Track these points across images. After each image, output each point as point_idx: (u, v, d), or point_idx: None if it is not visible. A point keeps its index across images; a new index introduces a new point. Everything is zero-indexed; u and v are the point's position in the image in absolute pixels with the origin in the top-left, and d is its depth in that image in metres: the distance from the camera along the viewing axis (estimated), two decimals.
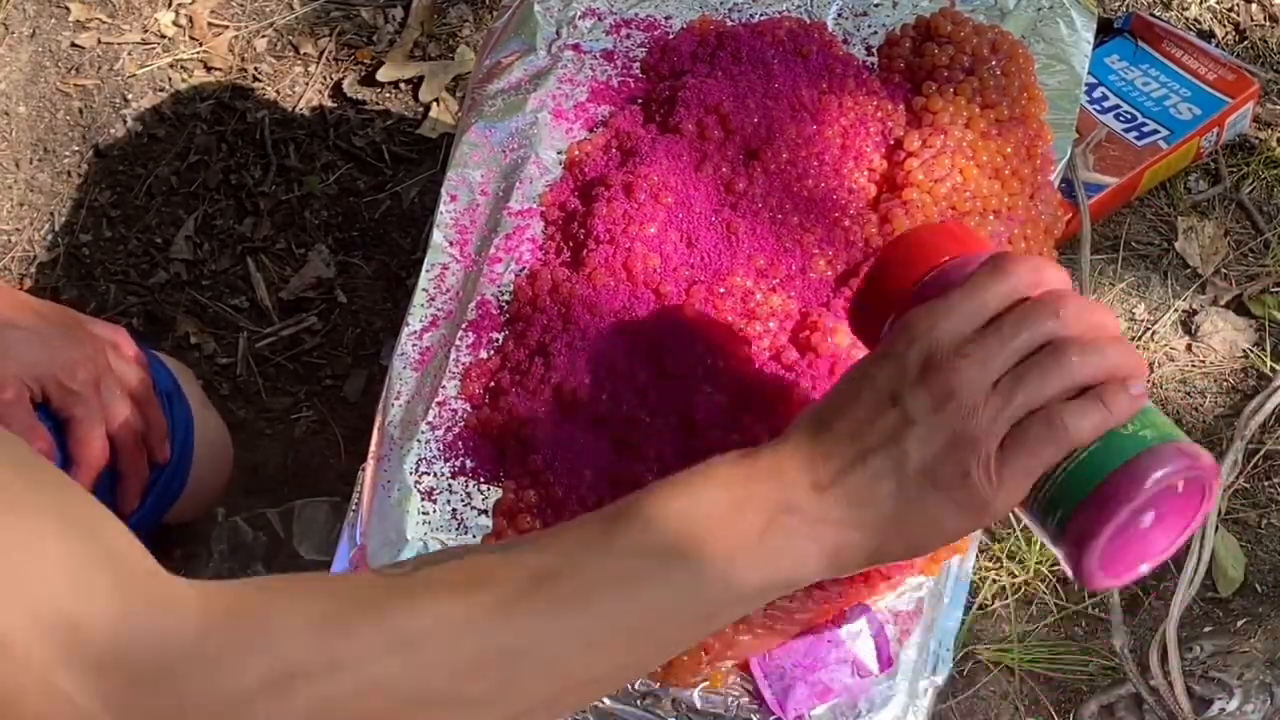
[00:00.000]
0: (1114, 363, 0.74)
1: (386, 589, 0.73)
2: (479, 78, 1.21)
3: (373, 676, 0.70)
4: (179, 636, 0.68)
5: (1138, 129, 1.62)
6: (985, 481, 0.73)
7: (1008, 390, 0.73)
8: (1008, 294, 0.76)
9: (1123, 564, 0.76)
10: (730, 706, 0.97)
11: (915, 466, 0.73)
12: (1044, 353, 0.74)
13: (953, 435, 0.73)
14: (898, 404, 0.74)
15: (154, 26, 1.79)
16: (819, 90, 1.13)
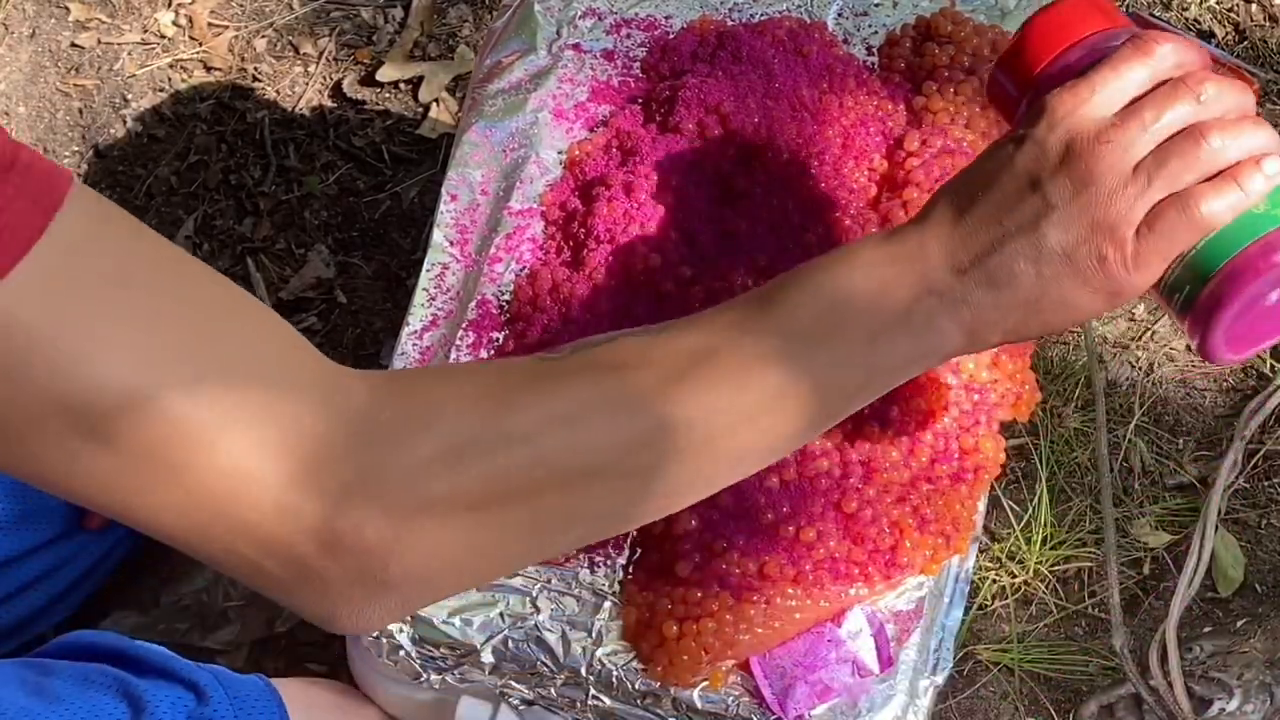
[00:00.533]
0: (1251, 144, 0.76)
1: (547, 370, 0.75)
2: (479, 77, 1.21)
3: (541, 449, 0.72)
4: (350, 416, 0.69)
5: None
6: (1121, 265, 0.75)
7: (1147, 176, 0.75)
8: (1149, 76, 0.76)
9: (1246, 340, 0.78)
10: (730, 706, 0.97)
11: (1053, 250, 0.75)
12: (1183, 136, 0.75)
13: (1091, 220, 0.75)
14: (1037, 189, 0.75)
15: (154, 26, 1.79)
16: (819, 90, 1.13)
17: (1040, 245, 0.75)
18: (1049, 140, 0.76)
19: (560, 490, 0.72)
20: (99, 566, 1.19)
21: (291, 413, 0.68)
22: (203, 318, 0.68)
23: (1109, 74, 0.76)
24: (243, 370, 0.68)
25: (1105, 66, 0.77)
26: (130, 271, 0.66)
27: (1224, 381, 1.54)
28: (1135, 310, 1.58)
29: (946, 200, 0.79)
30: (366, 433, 0.69)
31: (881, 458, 1.00)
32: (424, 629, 0.98)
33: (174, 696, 1.00)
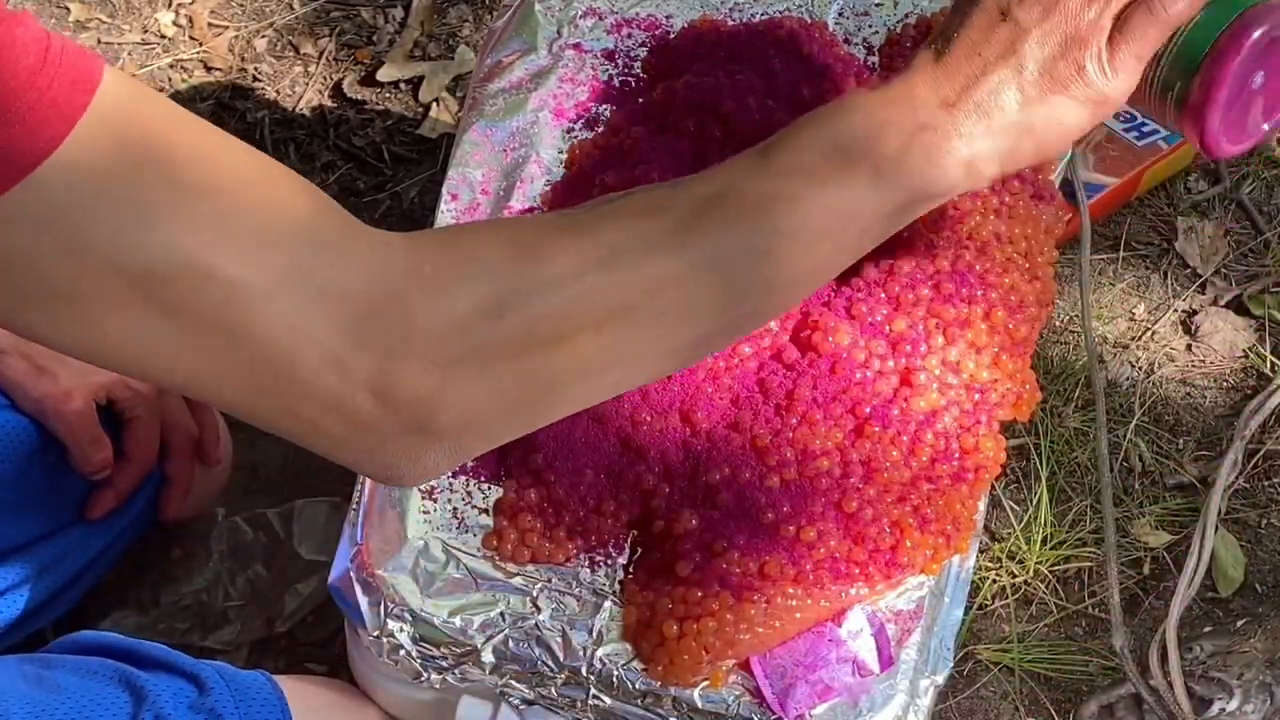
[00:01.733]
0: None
1: (573, 220, 0.79)
2: (480, 77, 1.21)
3: (576, 292, 0.75)
4: (398, 269, 0.72)
5: (1138, 129, 1.62)
6: (1100, 73, 0.79)
7: None
8: None
9: (1243, 129, 0.82)
10: (731, 706, 0.97)
11: (1034, 71, 0.79)
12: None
13: (1064, 36, 0.79)
14: (1008, 17, 0.80)
15: (154, 26, 1.79)
16: (820, 90, 1.13)
17: (1020, 68, 0.79)
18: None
19: (597, 331, 0.75)
20: (100, 559, 1.20)
21: (338, 273, 0.71)
22: (245, 186, 0.70)
23: None
24: (289, 235, 0.70)
25: None
26: (173, 142, 0.69)
27: (1224, 381, 1.54)
28: (1135, 310, 1.58)
29: (927, 48, 0.82)
30: (410, 287, 0.72)
31: (882, 457, 1.00)
32: (424, 629, 0.98)
33: (175, 687, 1.00)
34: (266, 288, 0.69)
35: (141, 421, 1.14)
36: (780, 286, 0.81)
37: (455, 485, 1.01)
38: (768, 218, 0.78)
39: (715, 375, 1.03)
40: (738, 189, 0.79)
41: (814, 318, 1.04)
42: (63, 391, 1.09)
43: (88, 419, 1.10)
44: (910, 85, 0.81)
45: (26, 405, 1.09)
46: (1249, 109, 0.82)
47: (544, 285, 0.74)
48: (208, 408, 1.21)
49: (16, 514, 1.11)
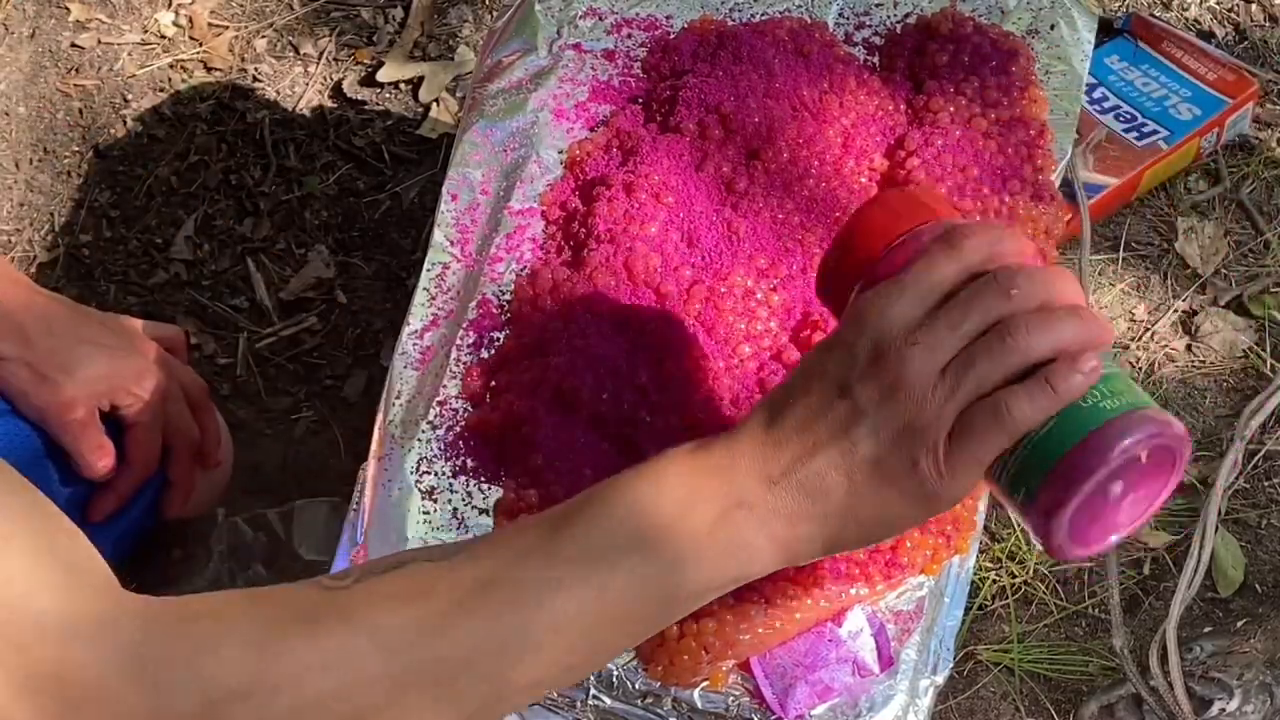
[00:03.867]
0: (1066, 338, 0.72)
1: (324, 604, 0.72)
2: (480, 77, 1.21)
3: (310, 695, 0.70)
4: (118, 658, 0.68)
5: (1138, 129, 1.62)
6: (934, 472, 0.72)
7: (954, 378, 0.72)
8: (960, 271, 0.74)
9: (1093, 535, 0.75)
10: (731, 706, 0.97)
11: (864, 458, 0.72)
12: (992, 335, 0.72)
13: (900, 426, 0.72)
14: (846, 395, 0.73)
15: (154, 26, 1.79)
16: (820, 90, 1.13)
17: (851, 453, 0.73)
18: (858, 344, 0.73)
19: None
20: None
21: (57, 654, 0.66)
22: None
23: (918, 272, 0.74)
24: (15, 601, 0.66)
25: (915, 265, 0.74)
26: None
27: (1224, 382, 1.54)
28: (1135, 310, 1.58)
29: (760, 409, 0.76)
30: (133, 675, 0.68)
31: None
32: None
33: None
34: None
35: (144, 427, 1.15)
36: (556, 675, 0.76)
37: (455, 486, 1.01)
38: (543, 609, 0.72)
39: (715, 376, 1.03)
40: (515, 573, 0.73)
41: (814, 318, 1.04)
42: (66, 400, 1.09)
43: (90, 426, 1.11)
44: (732, 454, 0.74)
45: (29, 413, 1.10)
46: (1100, 517, 0.74)
47: (273, 689, 0.69)
48: (210, 411, 1.22)
49: None
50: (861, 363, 0.73)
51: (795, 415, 0.74)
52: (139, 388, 1.13)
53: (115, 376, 1.12)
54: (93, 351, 1.11)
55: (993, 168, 1.10)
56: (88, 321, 1.13)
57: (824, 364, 0.75)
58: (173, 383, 1.16)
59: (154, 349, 1.16)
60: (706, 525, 0.73)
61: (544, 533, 0.75)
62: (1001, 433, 0.71)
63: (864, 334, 0.73)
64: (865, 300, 0.75)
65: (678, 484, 0.74)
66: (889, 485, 0.73)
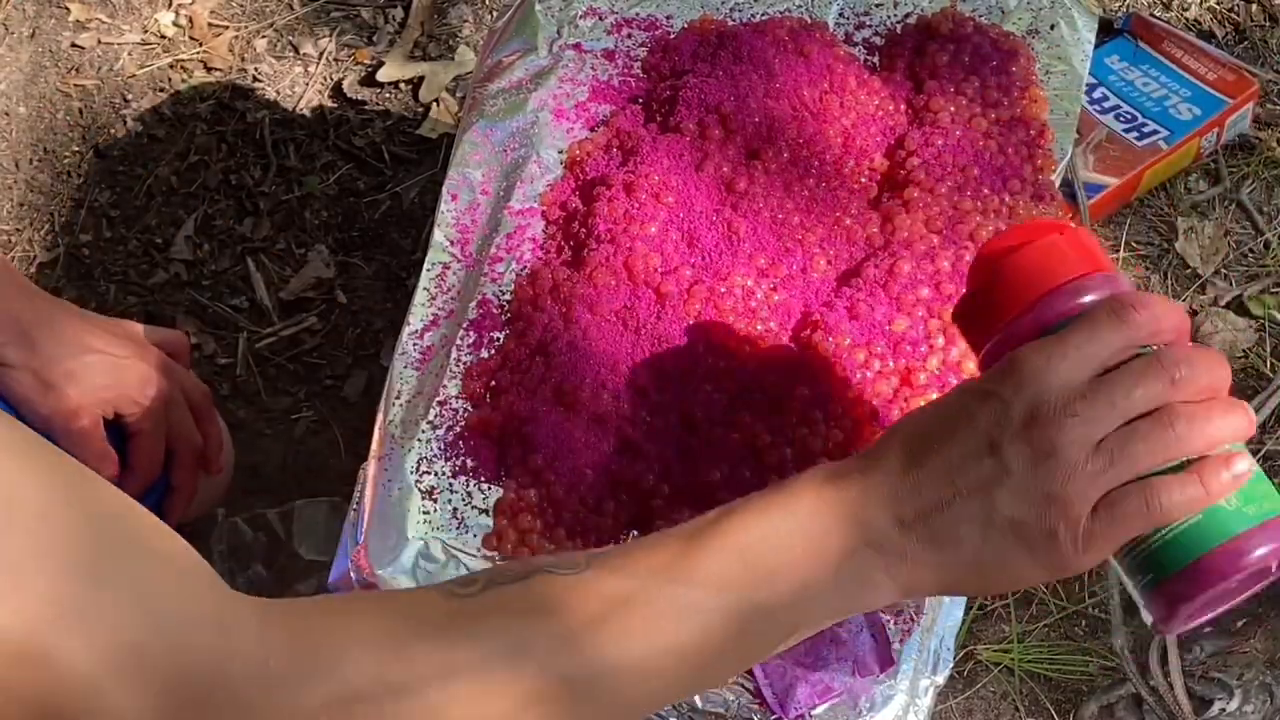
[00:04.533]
0: (1221, 434, 0.73)
1: (451, 613, 0.73)
2: (480, 77, 1.21)
3: (434, 702, 0.70)
4: (240, 658, 0.68)
5: (1138, 129, 1.62)
6: (1070, 543, 0.72)
7: (1109, 456, 0.72)
8: (1125, 344, 0.74)
9: (1198, 615, 0.77)
10: (731, 706, 0.97)
11: (1004, 518, 0.72)
12: (1152, 420, 0.72)
13: (1047, 494, 0.72)
14: (995, 452, 0.72)
15: (154, 26, 1.79)
16: (820, 90, 1.13)
17: (991, 511, 0.72)
18: (1014, 403, 0.72)
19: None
20: None
21: (179, 658, 0.67)
22: (93, 553, 0.66)
23: (1082, 338, 0.73)
24: (133, 612, 0.66)
25: (1080, 329, 0.74)
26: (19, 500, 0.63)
27: None
28: None
29: (899, 443, 0.75)
30: (255, 678, 0.68)
31: None
32: None
33: None
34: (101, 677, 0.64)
35: (148, 435, 1.15)
36: (677, 694, 0.76)
37: (455, 486, 1.01)
38: (675, 632, 0.73)
39: (715, 375, 1.03)
40: (645, 594, 0.73)
41: (814, 318, 1.04)
42: (71, 408, 1.09)
43: (95, 435, 1.11)
44: (866, 489, 0.74)
45: (35, 421, 1.10)
46: (1213, 605, 0.76)
47: (398, 692, 0.69)
48: (213, 418, 1.22)
49: None
50: (1016, 423, 0.72)
51: (937, 460, 0.74)
52: (143, 396, 1.13)
53: (120, 385, 1.12)
54: (98, 360, 1.11)
55: (993, 168, 1.10)
56: (93, 329, 1.13)
57: (975, 413, 0.74)
58: (176, 389, 1.16)
59: (157, 355, 1.16)
60: (834, 562, 0.74)
61: (677, 552, 0.75)
62: (1147, 520, 0.72)
63: (1021, 392, 0.73)
64: (1025, 355, 0.74)
65: (812, 516, 0.74)
66: (1022, 548, 0.72)
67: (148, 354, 1.15)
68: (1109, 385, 0.72)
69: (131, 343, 1.15)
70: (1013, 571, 0.74)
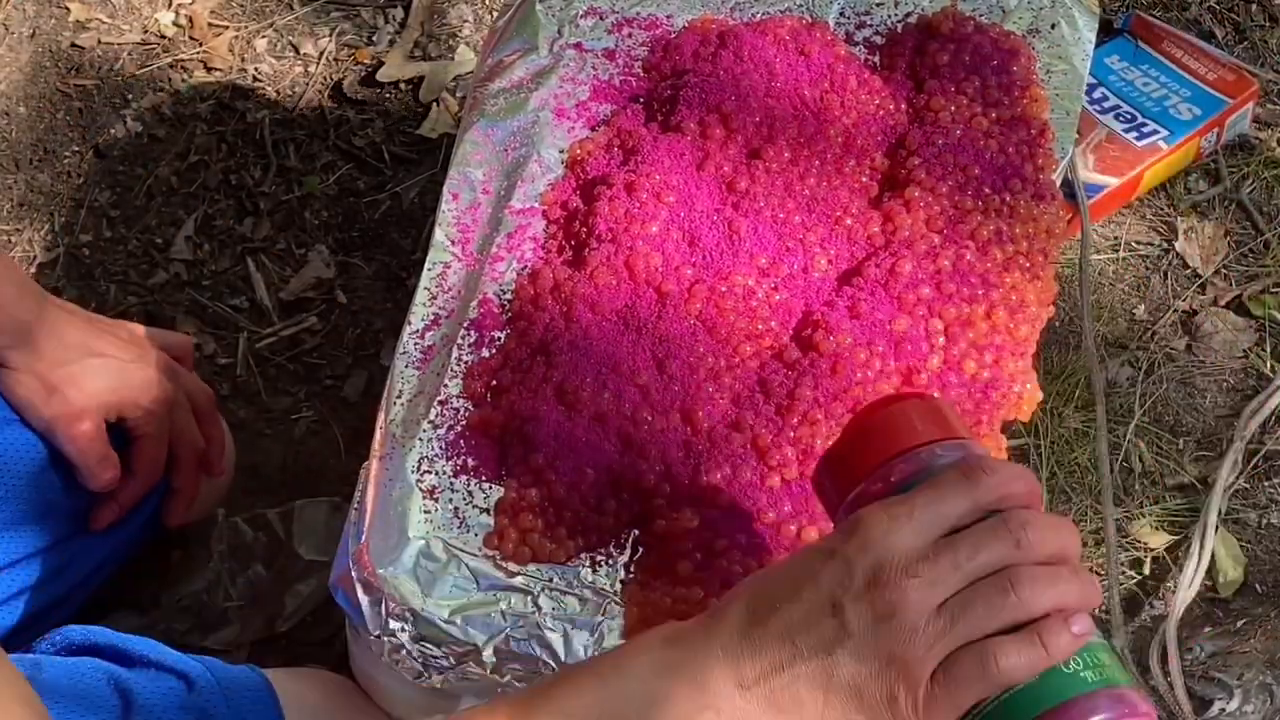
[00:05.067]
0: (1064, 598, 0.72)
1: None
2: (480, 76, 1.21)
3: None
4: None
5: (1138, 129, 1.62)
6: (910, 708, 0.71)
7: (949, 618, 0.71)
8: (972, 507, 0.73)
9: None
10: None
11: (844, 680, 0.71)
12: (993, 581, 0.71)
13: (887, 656, 0.71)
14: (837, 613, 0.72)
15: (154, 26, 1.79)
16: (821, 89, 1.13)
17: (832, 672, 0.71)
18: (857, 562, 0.72)
19: None
20: (102, 568, 1.19)
21: None
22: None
23: (928, 499, 0.73)
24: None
25: (927, 490, 0.74)
26: None
27: (1224, 382, 1.54)
28: (1135, 310, 1.58)
29: (742, 603, 0.75)
30: None
31: None
32: (425, 628, 0.98)
33: (164, 687, 1.00)
34: None
35: (150, 439, 1.14)
36: None
37: (456, 485, 1.01)
38: None
39: (716, 375, 1.03)
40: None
41: (815, 317, 1.04)
42: (74, 412, 1.09)
43: (97, 440, 1.11)
44: (708, 650, 0.73)
45: (36, 424, 1.09)
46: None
47: None
48: (215, 421, 1.22)
49: (22, 529, 1.11)
50: (858, 583, 0.72)
51: (778, 621, 0.73)
52: (146, 400, 1.13)
53: (123, 389, 1.12)
54: (101, 364, 1.11)
55: (994, 167, 1.10)
56: (97, 333, 1.12)
57: (818, 573, 0.73)
58: (179, 393, 1.16)
59: (161, 358, 1.16)
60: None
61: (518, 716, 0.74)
62: (986, 683, 0.71)
63: (865, 552, 0.72)
64: (870, 516, 0.73)
65: (649, 680, 0.74)
66: (861, 711, 0.72)
67: (151, 357, 1.15)
68: (952, 547, 0.72)
69: (135, 346, 1.15)
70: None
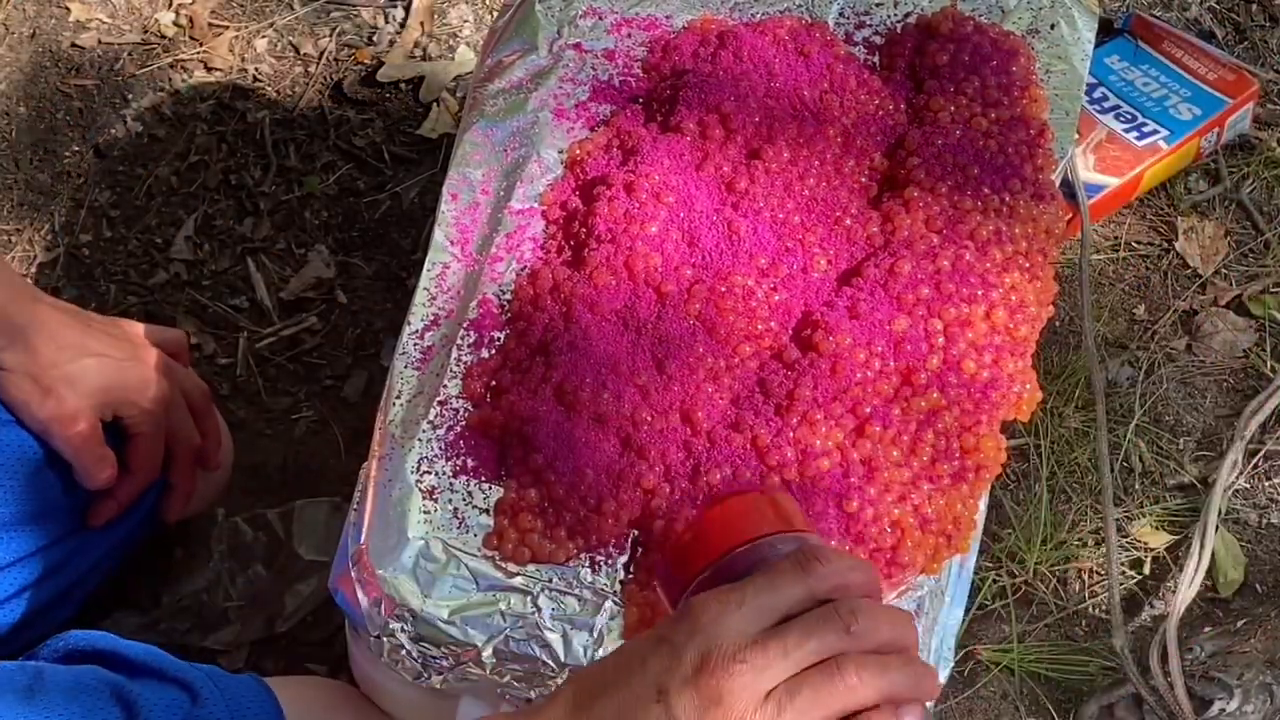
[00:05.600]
0: (895, 687, 0.71)
1: None
2: (480, 77, 1.21)
3: None
4: None
5: (1138, 129, 1.62)
6: None
7: (777, 705, 0.70)
8: (805, 596, 0.72)
9: None
10: None
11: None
12: (822, 669, 0.71)
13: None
14: (663, 699, 0.70)
15: (154, 26, 1.79)
16: (820, 89, 1.13)
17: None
18: (686, 649, 0.71)
19: None
20: (102, 564, 1.20)
21: None
22: None
23: (760, 586, 0.72)
24: None
25: (759, 578, 0.73)
26: None
27: (1224, 382, 1.54)
28: (1135, 310, 1.58)
29: (570, 690, 0.74)
30: None
31: (883, 457, 1.00)
32: (425, 628, 0.98)
33: (168, 698, 1.00)
34: None
35: (146, 437, 1.14)
36: None
37: (456, 485, 1.01)
38: None
39: (716, 375, 1.03)
40: None
41: (815, 317, 1.04)
42: (69, 413, 1.09)
43: (93, 439, 1.11)
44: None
45: (32, 424, 1.09)
46: None
47: None
48: (211, 416, 1.22)
49: (22, 528, 1.11)
50: (685, 669, 0.71)
51: (606, 707, 0.72)
52: (142, 398, 1.13)
53: (119, 388, 1.12)
54: (97, 364, 1.11)
55: (993, 167, 1.10)
56: (92, 332, 1.12)
57: (647, 660, 0.72)
58: (175, 390, 1.16)
59: (156, 356, 1.16)
60: None
61: None
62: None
63: (694, 638, 0.71)
64: (700, 603, 0.73)
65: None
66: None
67: (147, 355, 1.15)
68: (781, 634, 0.71)
69: (130, 343, 1.15)
70: None
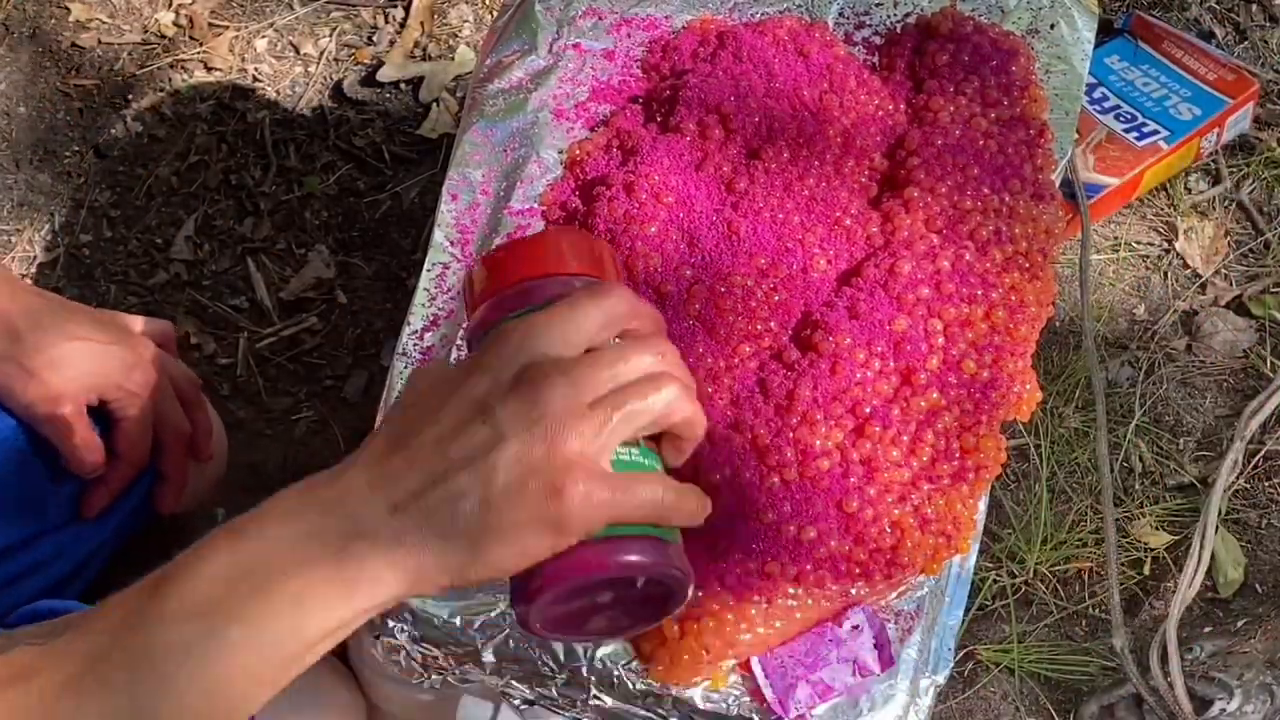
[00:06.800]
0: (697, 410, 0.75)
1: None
2: (480, 77, 1.21)
3: None
4: None
5: (1138, 129, 1.62)
6: (574, 500, 0.69)
7: (605, 413, 0.71)
8: (604, 321, 0.74)
9: (564, 625, 0.76)
10: (732, 706, 0.97)
11: (501, 483, 0.69)
12: (647, 380, 0.72)
13: (543, 453, 0.69)
14: (488, 417, 0.70)
15: (154, 26, 1.79)
16: (820, 89, 1.13)
17: (490, 478, 0.69)
18: (503, 369, 0.71)
19: None
20: (94, 557, 1.19)
21: None
22: None
23: (565, 309, 0.73)
24: None
25: (562, 303, 0.74)
26: None
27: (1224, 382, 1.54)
28: (1136, 310, 1.58)
29: (381, 434, 0.72)
30: None
31: (882, 457, 1.00)
32: (425, 629, 0.98)
33: None
34: None
35: (133, 421, 1.14)
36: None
37: None
38: (156, 677, 0.68)
39: (715, 375, 1.03)
40: (120, 644, 0.69)
41: (815, 318, 1.04)
42: (53, 396, 1.09)
43: (78, 422, 1.10)
44: (347, 483, 0.71)
45: (17, 409, 1.09)
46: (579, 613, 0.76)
47: None
48: (201, 405, 1.21)
49: (9, 516, 1.11)
50: (504, 384, 0.71)
51: (427, 435, 0.71)
52: (128, 383, 1.13)
53: (103, 372, 1.11)
54: (80, 347, 1.10)
55: (993, 167, 1.10)
56: (76, 317, 1.12)
57: (461, 384, 0.72)
58: (163, 376, 1.16)
59: (144, 343, 1.15)
60: (324, 564, 0.69)
61: (146, 595, 0.71)
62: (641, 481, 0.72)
63: (512, 358, 0.72)
64: (513, 326, 0.73)
65: (291, 521, 0.70)
66: (522, 511, 0.69)
67: (133, 341, 1.15)
68: (597, 353, 0.73)
69: (117, 331, 1.14)
70: (519, 541, 0.70)
